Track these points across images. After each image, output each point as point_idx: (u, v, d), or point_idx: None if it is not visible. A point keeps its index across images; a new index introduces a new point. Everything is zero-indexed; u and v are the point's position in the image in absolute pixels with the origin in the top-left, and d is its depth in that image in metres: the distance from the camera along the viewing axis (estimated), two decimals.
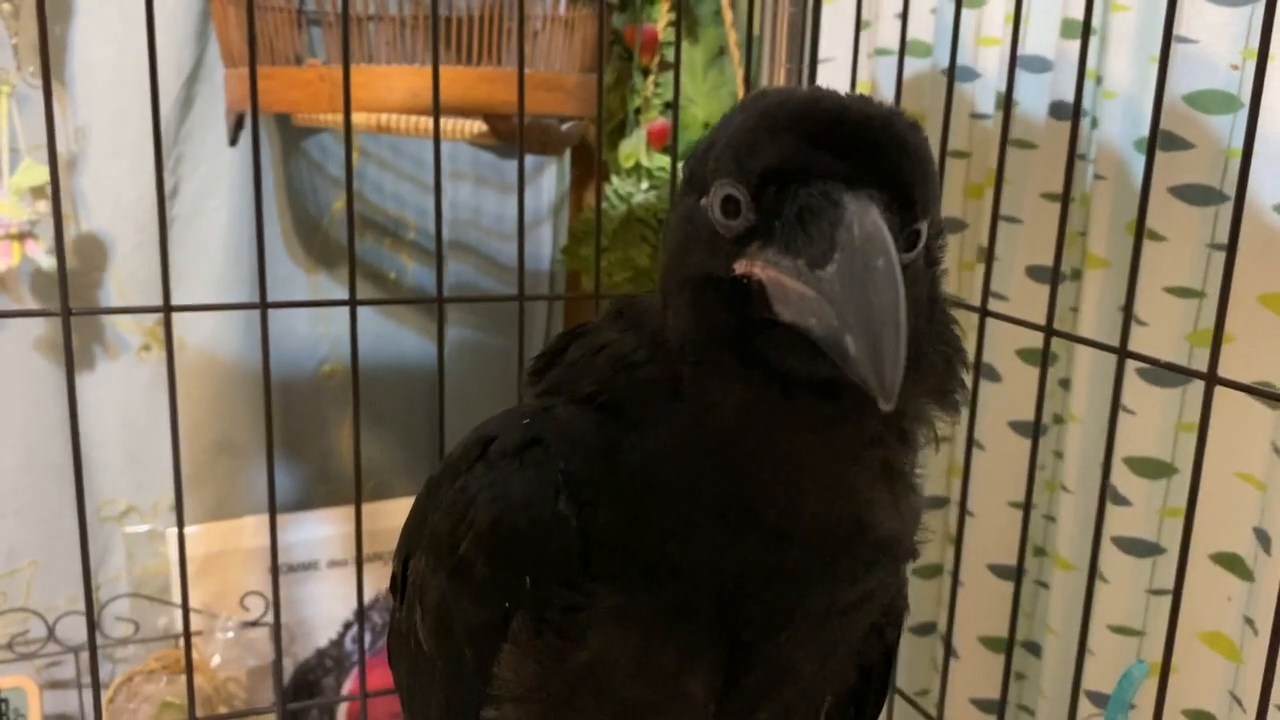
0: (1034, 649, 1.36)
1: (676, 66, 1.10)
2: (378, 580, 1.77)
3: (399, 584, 0.71)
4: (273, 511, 0.98)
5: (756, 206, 0.51)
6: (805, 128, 0.50)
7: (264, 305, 0.92)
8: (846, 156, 0.49)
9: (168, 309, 0.91)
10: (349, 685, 1.77)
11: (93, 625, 0.99)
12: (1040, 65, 1.22)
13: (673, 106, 1.12)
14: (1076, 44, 1.17)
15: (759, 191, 0.51)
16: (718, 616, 0.58)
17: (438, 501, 0.64)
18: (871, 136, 0.50)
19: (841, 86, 1.46)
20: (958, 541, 1.13)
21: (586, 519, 0.57)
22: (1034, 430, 0.93)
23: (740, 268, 0.51)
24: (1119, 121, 1.15)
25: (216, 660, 1.63)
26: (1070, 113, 1.18)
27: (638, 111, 1.65)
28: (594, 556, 0.57)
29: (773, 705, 0.64)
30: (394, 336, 1.80)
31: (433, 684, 0.66)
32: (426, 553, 0.65)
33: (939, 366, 0.57)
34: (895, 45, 1.40)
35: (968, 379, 0.60)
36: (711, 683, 0.61)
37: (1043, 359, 0.88)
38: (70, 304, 0.89)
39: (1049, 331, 0.87)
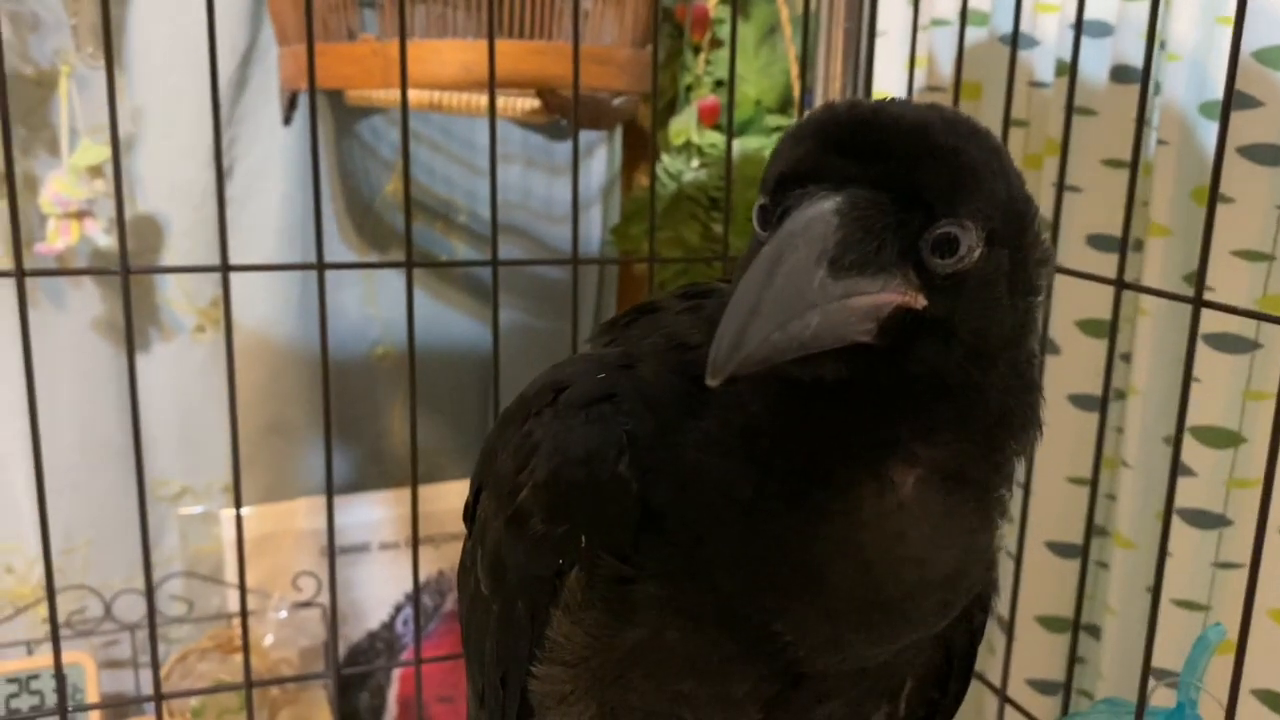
0: (1093, 630, 1.33)
1: (733, 44, 1.10)
2: (429, 563, 1.77)
3: (471, 513, 0.70)
4: (329, 467, 0.98)
5: (773, 213, 0.51)
6: (824, 133, 0.50)
7: (321, 266, 0.92)
8: (853, 158, 0.49)
9: (225, 269, 0.91)
10: (401, 670, 1.77)
11: (152, 605, 1.00)
12: (1101, 30, 1.19)
13: (728, 84, 1.11)
14: (1137, 6, 1.15)
15: (774, 198, 0.51)
16: (763, 629, 0.56)
17: (505, 441, 0.63)
18: (887, 138, 0.49)
19: (897, 61, 1.44)
20: (1021, 521, 1.10)
21: (649, 486, 0.55)
22: (1103, 395, 0.91)
23: None
24: (1183, 85, 1.12)
25: (269, 640, 1.65)
26: (1132, 76, 1.17)
27: (688, 89, 1.64)
28: (650, 529, 0.55)
29: (830, 705, 0.62)
30: (444, 319, 1.81)
31: (487, 625, 0.66)
32: (491, 493, 0.64)
33: (987, 412, 0.53)
34: (950, 15, 1.38)
35: (1023, 446, 0.56)
36: (761, 691, 0.59)
37: (1113, 313, 0.86)
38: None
39: (1120, 285, 0.84)
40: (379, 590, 1.77)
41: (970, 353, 0.51)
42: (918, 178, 0.48)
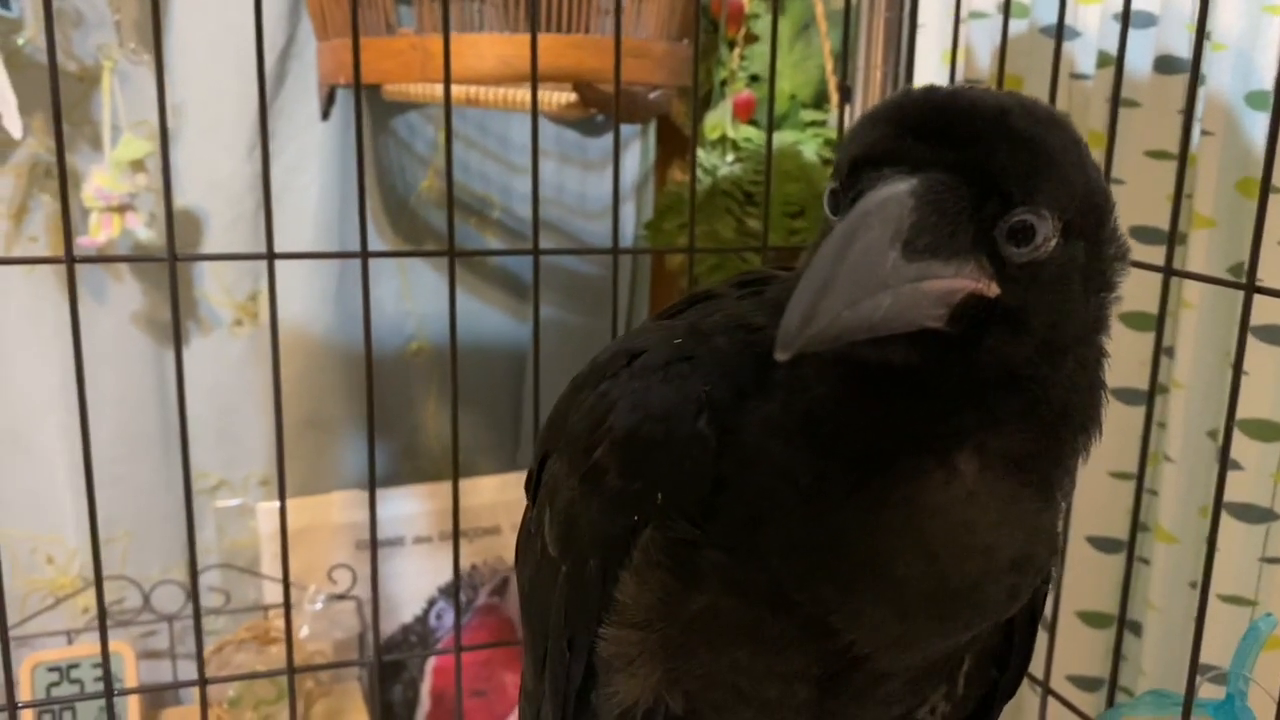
0: (1134, 626, 1.32)
1: (774, 39, 1.09)
2: (463, 557, 1.78)
3: (533, 484, 0.70)
4: (371, 460, 0.99)
5: (845, 197, 0.50)
6: (901, 117, 0.49)
7: (364, 254, 0.93)
8: (930, 142, 0.48)
9: (270, 256, 0.92)
10: (435, 662, 1.78)
11: (196, 593, 1.01)
12: (1144, 20, 1.18)
13: (769, 79, 1.11)
14: None
15: (847, 182, 0.50)
16: (818, 620, 0.55)
17: (578, 404, 0.63)
18: (964, 123, 0.48)
19: (935, 54, 1.43)
20: (1065, 516, 1.09)
21: (725, 446, 0.55)
22: (1150, 386, 0.90)
23: None
24: (1228, 75, 1.11)
25: (304, 632, 1.65)
26: (1176, 67, 1.16)
27: (723, 83, 1.64)
28: (718, 496, 0.55)
29: (889, 685, 0.61)
30: (480, 315, 1.81)
31: (554, 589, 0.65)
32: (562, 455, 0.64)
33: (1051, 407, 0.53)
34: (988, 8, 1.37)
35: (1084, 445, 0.56)
36: (815, 670, 0.59)
37: (1161, 301, 0.86)
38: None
39: (1169, 272, 0.84)
40: (413, 584, 1.78)
41: (1041, 345, 0.51)
42: (995, 163, 0.48)
